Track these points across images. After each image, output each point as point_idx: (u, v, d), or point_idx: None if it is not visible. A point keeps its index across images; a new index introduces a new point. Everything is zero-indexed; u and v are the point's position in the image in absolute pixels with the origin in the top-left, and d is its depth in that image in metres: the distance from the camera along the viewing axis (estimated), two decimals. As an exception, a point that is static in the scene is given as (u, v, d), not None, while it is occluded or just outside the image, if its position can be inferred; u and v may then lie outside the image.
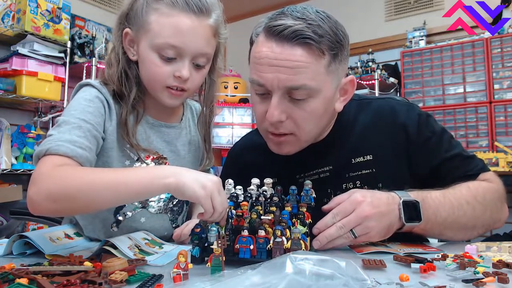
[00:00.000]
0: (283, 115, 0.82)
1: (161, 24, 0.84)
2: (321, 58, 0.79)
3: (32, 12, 2.41)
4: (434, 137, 0.92)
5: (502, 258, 0.66)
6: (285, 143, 0.87)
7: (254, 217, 0.69)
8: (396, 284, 0.54)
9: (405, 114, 0.93)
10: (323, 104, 0.83)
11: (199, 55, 0.87)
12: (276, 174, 0.93)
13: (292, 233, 0.65)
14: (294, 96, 0.81)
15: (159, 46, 0.85)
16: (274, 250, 0.65)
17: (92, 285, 0.55)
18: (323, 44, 0.78)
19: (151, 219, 0.97)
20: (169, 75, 0.87)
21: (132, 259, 0.71)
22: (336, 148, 0.93)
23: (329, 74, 0.81)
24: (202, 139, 1.03)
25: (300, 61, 0.77)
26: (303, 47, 0.77)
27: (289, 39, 0.77)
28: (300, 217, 0.71)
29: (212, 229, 0.68)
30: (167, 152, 0.98)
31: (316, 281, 0.49)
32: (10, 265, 0.62)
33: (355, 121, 0.95)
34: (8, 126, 2.42)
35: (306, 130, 0.85)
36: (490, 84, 3.00)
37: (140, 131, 0.93)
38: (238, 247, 0.66)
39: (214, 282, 0.52)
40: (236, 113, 4.17)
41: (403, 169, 0.91)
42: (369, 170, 0.90)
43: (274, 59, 0.78)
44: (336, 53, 0.81)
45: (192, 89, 0.92)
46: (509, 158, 2.71)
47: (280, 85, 0.79)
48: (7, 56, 2.42)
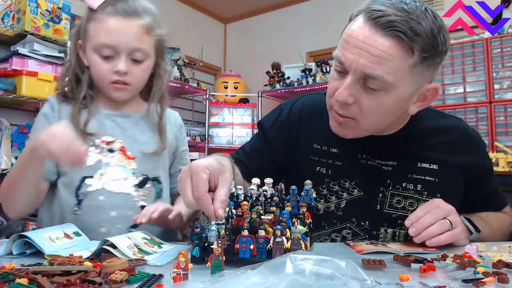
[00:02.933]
0: (350, 98, 0.81)
1: (96, 29, 1.00)
2: (409, 56, 0.76)
3: (32, 12, 2.41)
4: (488, 172, 1.03)
5: (502, 258, 0.66)
6: (344, 125, 0.87)
7: (254, 217, 0.69)
8: (396, 284, 0.54)
9: (476, 144, 1.00)
10: (394, 101, 0.81)
11: (133, 50, 1.01)
12: (338, 146, 0.97)
13: (292, 233, 0.65)
14: (368, 84, 0.79)
15: (97, 47, 1.00)
16: (274, 250, 0.65)
17: (92, 285, 0.55)
18: (416, 43, 0.75)
19: (111, 197, 1.03)
20: (109, 71, 1.01)
21: (132, 258, 0.72)
22: (405, 147, 0.94)
23: (412, 75, 0.78)
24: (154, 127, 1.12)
25: (386, 52, 0.75)
26: (394, 40, 0.75)
27: (383, 27, 0.75)
28: (300, 217, 0.71)
29: (212, 229, 0.68)
30: (124, 137, 1.08)
31: (316, 281, 0.49)
32: (10, 265, 0.62)
33: (428, 129, 0.97)
34: (8, 126, 2.42)
35: (369, 120, 0.84)
36: (490, 84, 3.00)
37: (94, 122, 1.07)
38: (238, 247, 0.66)
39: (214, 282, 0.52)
40: (236, 113, 4.17)
41: (458, 187, 0.97)
42: (433, 178, 0.94)
43: (362, 41, 0.77)
44: (427, 57, 0.77)
45: (135, 83, 1.05)
46: (509, 158, 2.71)
47: (358, 69, 0.78)
48: (7, 56, 2.42)
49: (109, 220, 1.02)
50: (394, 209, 0.94)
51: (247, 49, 4.79)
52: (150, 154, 1.08)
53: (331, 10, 4.02)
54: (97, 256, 0.74)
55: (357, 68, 0.78)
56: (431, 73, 0.82)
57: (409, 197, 0.93)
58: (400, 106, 0.83)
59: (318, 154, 0.98)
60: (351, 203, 0.95)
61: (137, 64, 1.03)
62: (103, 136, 1.06)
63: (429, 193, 0.92)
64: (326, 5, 4.13)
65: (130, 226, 1.01)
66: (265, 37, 4.64)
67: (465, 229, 0.85)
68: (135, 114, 1.12)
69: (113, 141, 1.07)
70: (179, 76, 3.62)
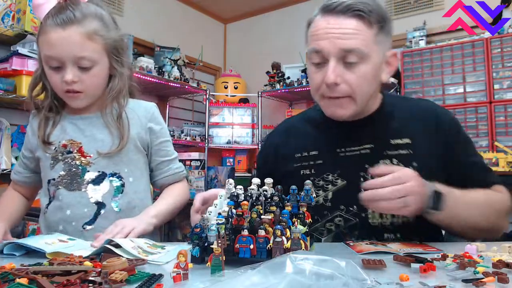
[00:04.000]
0: (338, 78, 0.91)
1: (41, 42, 1.03)
2: (370, 28, 0.91)
3: (32, 12, 2.40)
4: (462, 140, 1.03)
5: (502, 258, 0.66)
6: (340, 105, 0.96)
7: (254, 216, 0.69)
8: (396, 284, 0.54)
9: (443, 114, 1.04)
10: (372, 69, 0.93)
11: (77, 58, 1.01)
12: (317, 148, 1.06)
13: (292, 233, 0.65)
14: (348, 60, 0.90)
15: (45, 60, 1.04)
16: (274, 250, 0.65)
17: (92, 285, 0.55)
18: (372, 17, 0.91)
19: (67, 196, 1.07)
20: (60, 82, 1.04)
21: (132, 258, 0.72)
22: (378, 129, 1.02)
23: (377, 44, 0.92)
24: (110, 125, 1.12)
25: (354, 29, 0.90)
26: (356, 18, 0.90)
27: (343, 12, 0.90)
28: (300, 216, 0.71)
29: (212, 229, 0.68)
30: (82, 138, 1.11)
31: (316, 281, 0.49)
32: (10, 265, 0.62)
33: (397, 108, 1.05)
34: (8, 126, 2.42)
35: (360, 92, 0.94)
36: (490, 84, 3.00)
37: (58, 129, 1.13)
38: (238, 247, 0.66)
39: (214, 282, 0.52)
40: (236, 113, 4.16)
41: (435, 157, 0.99)
42: (407, 151, 0.99)
43: (332, 30, 0.90)
44: (382, 26, 0.93)
45: (88, 89, 1.07)
46: (509, 158, 2.71)
47: (336, 48, 0.90)
48: (7, 56, 2.41)
49: (65, 219, 1.06)
50: None
51: (247, 49, 4.78)
52: (106, 151, 1.09)
53: (331, 10, 4.02)
54: (97, 256, 0.74)
55: (335, 48, 0.90)
56: (388, 40, 0.97)
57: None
58: (377, 73, 0.96)
59: (301, 160, 1.07)
60: (337, 193, 1.01)
61: (85, 71, 1.03)
62: (63, 140, 1.11)
63: (405, 165, 0.95)
64: (326, 5, 4.14)
65: (85, 223, 1.05)
66: (265, 37, 4.64)
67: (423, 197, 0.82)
68: (93, 114, 1.14)
69: (71, 143, 1.10)
70: (179, 76, 3.62)
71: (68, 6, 1.02)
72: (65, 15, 1.00)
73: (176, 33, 4.10)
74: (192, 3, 4.47)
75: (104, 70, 1.09)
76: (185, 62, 3.76)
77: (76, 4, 1.03)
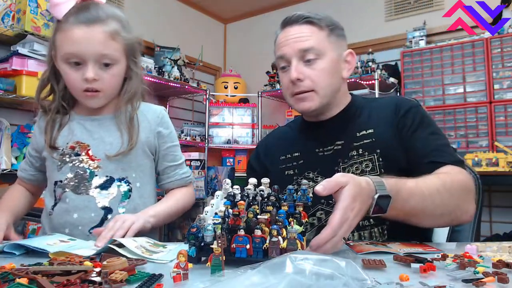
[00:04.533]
0: (300, 74, 1.05)
1: (61, 39, 1.03)
2: (322, 30, 1.08)
3: (32, 12, 2.40)
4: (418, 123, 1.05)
5: (502, 258, 0.66)
6: (305, 98, 1.08)
7: (250, 216, 0.69)
8: (396, 284, 0.54)
9: (403, 102, 1.11)
10: (330, 65, 1.07)
11: (100, 56, 1.03)
12: (299, 150, 1.16)
13: (288, 233, 0.65)
14: (307, 57, 1.06)
15: (64, 57, 1.03)
16: (270, 250, 0.65)
17: (92, 285, 0.55)
18: (321, 22, 1.08)
19: (75, 200, 1.07)
20: (79, 80, 1.03)
21: (132, 258, 0.72)
22: (347, 127, 1.12)
23: (330, 43, 1.08)
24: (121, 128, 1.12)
25: (307, 32, 1.07)
26: (308, 24, 1.08)
27: (297, 21, 1.08)
28: (297, 216, 0.71)
29: (208, 228, 0.68)
30: (91, 140, 1.11)
31: (316, 281, 0.49)
32: (10, 265, 0.62)
33: (363, 107, 1.15)
34: (8, 126, 2.42)
35: (321, 85, 1.07)
36: (490, 84, 3.00)
37: (65, 129, 1.12)
38: (234, 247, 0.66)
39: (214, 282, 0.52)
40: (236, 113, 4.16)
41: (395, 142, 1.05)
42: (370, 139, 1.06)
43: (290, 37, 1.08)
44: (332, 28, 1.09)
45: (106, 88, 1.07)
46: (509, 158, 2.71)
47: (295, 50, 1.06)
48: (7, 56, 2.41)
49: (72, 222, 1.05)
50: None
51: (247, 49, 4.78)
52: (114, 154, 1.08)
53: (331, 10, 4.02)
54: (97, 256, 0.74)
55: (294, 50, 1.06)
56: (342, 42, 1.12)
57: (356, 163, 1.06)
58: (335, 69, 1.09)
59: (285, 162, 1.17)
60: None
61: (106, 69, 1.04)
62: (71, 141, 1.10)
63: (370, 152, 1.05)
64: (326, 5, 4.13)
65: (91, 228, 1.04)
66: (265, 37, 4.63)
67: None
68: (104, 115, 1.14)
69: (79, 145, 1.10)
70: (179, 76, 3.62)
71: (90, 6, 1.04)
72: (89, 13, 1.02)
73: (176, 33, 4.10)
74: (192, 3, 4.47)
75: (122, 71, 1.10)
76: (185, 62, 3.76)
77: (98, 4, 1.06)
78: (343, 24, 1.13)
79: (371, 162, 1.03)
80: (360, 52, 3.80)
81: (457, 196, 0.91)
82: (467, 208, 0.94)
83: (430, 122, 1.08)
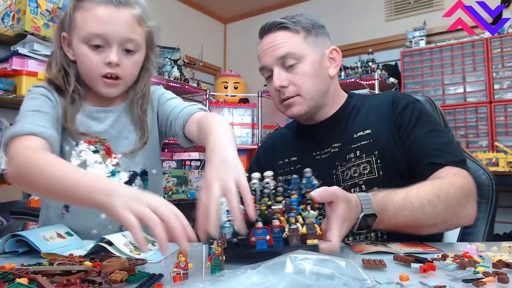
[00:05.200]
0: (284, 81, 1.05)
1: (84, 18, 0.94)
2: (297, 34, 1.06)
3: (32, 12, 2.40)
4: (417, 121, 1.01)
5: (502, 258, 0.66)
6: (292, 104, 1.07)
7: (263, 209, 0.69)
8: (396, 284, 0.54)
9: (400, 98, 1.07)
10: (311, 67, 1.06)
11: (125, 40, 0.95)
12: (297, 154, 1.14)
13: (306, 218, 0.66)
14: (287, 63, 1.05)
15: (86, 38, 0.94)
16: (290, 237, 0.65)
17: (92, 285, 0.55)
18: (297, 25, 1.06)
19: None
20: (100, 63, 0.95)
21: (132, 258, 0.72)
22: (343, 128, 1.09)
23: (309, 44, 1.06)
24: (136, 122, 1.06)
25: (282, 39, 1.05)
26: (282, 30, 1.06)
27: (271, 29, 1.07)
28: (309, 202, 0.71)
29: (226, 225, 0.66)
30: (108, 135, 1.04)
31: (316, 281, 0.49)
32: (10, 265, 0.62)
33: (360, 105, 1.12)
34: (8, 126, 2.42)
35: (305, 88, 1.05)
36: (490, 84, 3.00)
37: (79, 120, 1.02)
38: (254, 240, 0.66)
39: (214, 282, 0.52)
40: (236, 113, 4.16)
41: (393, 141, 1.02)
42: (368, 141, 1.03)
43: (266, 46, 1.08)
44: (309, 30, 1.07)
45: (127, 76, 1.00)
46: (509, 158, 2.71)
47: (274, 58, 1.06)
48: (7, 56, 2.41)
49: (100, 223, 1.00)
50: (349, 181, 1.03)
51: (247, 49, 4.77)
52: (130, 151, 1.04)
53: (331, 10, 4.02)
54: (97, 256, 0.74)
55: (273, 59, 1.06)
56: (322, 40, 1.09)
57: (354, 166, 1.03)
58: (319, 69, 1.07)
59: (283, 167, 1.15)
60: None
61: (129, 56, 0.98)
62: (87, 135, 1.02)
63: (367, 154, 1.02)
64: (326, 5, 4.13)
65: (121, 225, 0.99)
66: (265, 37, 4.65)
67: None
68: (117, 107, 1.07)
69: (97, 140, 1.03)
70: (179, 76, 3.62)
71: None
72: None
73: (176, 33, 4.10)
74: (192, 3, 4.47)
75: (142, 59, 1.04)
76: (185, 62, 3.76)
77: None
78: (343, 24, 1.12)
79: (369, 164, 1.01)
80: (360, 52, 3.81)
81: (452, 203, 0.87)
82: (465, 213, 0.90)
83: (429, 119, 1.04)
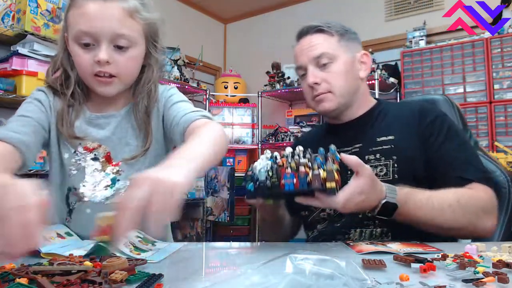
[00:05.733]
0: (317, 78, 1.13)
1: (74, 15, 0.91)
2: (332, 37, 1.15)
3: (32, 12, 2.40)
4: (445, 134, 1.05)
5: (502, 258, 0.66)
6: (324, 100, 1.14)
7: (293, 165, 0.80)
8: (396, 284, 0.54)
9: (428, 110, 1.12)
10: (343, 66, 1.14)
11: (115, 36, 0.90)
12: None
13: (327, 165, 0.77)
14: (321, 62, 1.13)
15: (76, 36, 0.90)
16: (313, 180, 0.77)
17: (92, 285, 0.55)
18: (331, 29, 1.15)
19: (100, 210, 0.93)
20: (90, 62, 0.91)
21: (132, 258, 0.72)
22: (367, 130, 1.15)
23: (341, 47, 1.15)
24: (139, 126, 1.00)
25: (318, 40, 1.14)
26: (318, 33, 1.15)
27: (308, 32, 1.16)
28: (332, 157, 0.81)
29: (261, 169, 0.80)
30: (108, 142, 0.99)
31: (316, 281, 0.49)
32: (10, 265, 0.62)
33: (387, 111, 1.17)
34: (8, 126, 2.42)
35: (337, 86, 1.13)
36: (490, 84, 3.00)
37: (78, 127, 0.99)
38: (283, 182, 0.78)
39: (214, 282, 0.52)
40: (236, 113, 4.16)
41: (415, 150, 1.05)
42: (389, 146, 1.08)
43: (303, 47, 1.16)
44: (342, 34, 1.16)
45: (122, 74, 0.94)
46: (509, 158, 2.71)
47: (309, 57, 1.14)
48: (7, 56, 2.41)
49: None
50: None
51: (247, 49, 4.79)
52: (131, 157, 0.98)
53: (331, 10, 4.02)
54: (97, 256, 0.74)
55: (309, 58, 1.14)
56: (354, 45, 1.18)
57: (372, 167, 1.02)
58: (350, 69, 1.15)
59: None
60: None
61: (121, 52, 0.92)
62: (86, 142, 0.98)
63: (386, 158, 1.06)
64: (326, 5, 4.13)
65: None
66: (265, 37, 4.64)
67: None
68: (119, 112, 1.02)
69: (97, 147, 0.99)
70: (179, 76, 3.62)
71: None
72: None
73: (176, 33, 4.10)
74: (192, 3, 4.47)
75: (141, 55, 0.97)
76: (185, 62, 3.76)
77: None
78: (343, 24, 1.18)
79: (386, 167, 1.05)
80: (360, 52, 3.81)
81: (470, 212, 0.93)
82: (483, 226, 0.95)
83: (457, 132, 1.08)
